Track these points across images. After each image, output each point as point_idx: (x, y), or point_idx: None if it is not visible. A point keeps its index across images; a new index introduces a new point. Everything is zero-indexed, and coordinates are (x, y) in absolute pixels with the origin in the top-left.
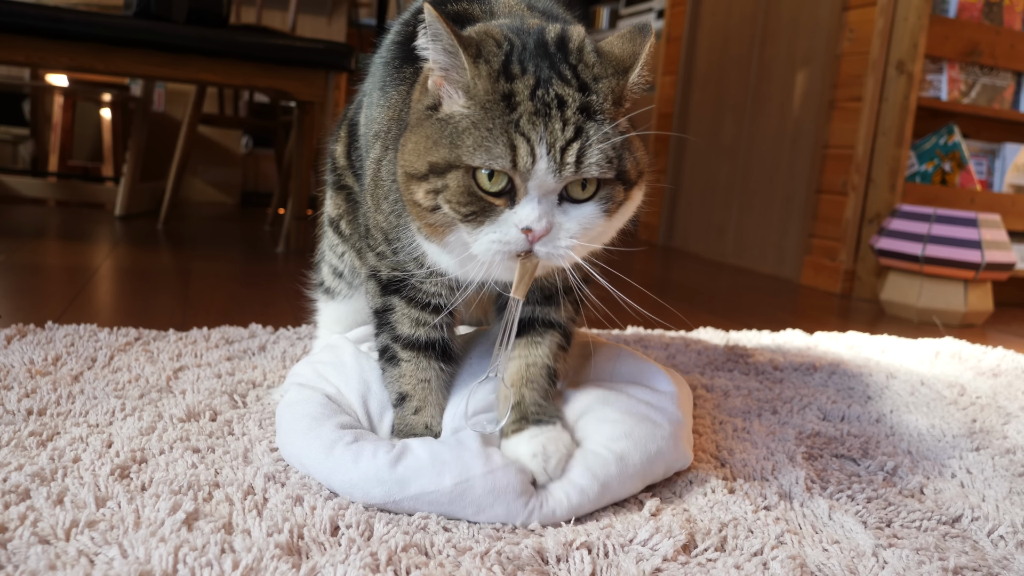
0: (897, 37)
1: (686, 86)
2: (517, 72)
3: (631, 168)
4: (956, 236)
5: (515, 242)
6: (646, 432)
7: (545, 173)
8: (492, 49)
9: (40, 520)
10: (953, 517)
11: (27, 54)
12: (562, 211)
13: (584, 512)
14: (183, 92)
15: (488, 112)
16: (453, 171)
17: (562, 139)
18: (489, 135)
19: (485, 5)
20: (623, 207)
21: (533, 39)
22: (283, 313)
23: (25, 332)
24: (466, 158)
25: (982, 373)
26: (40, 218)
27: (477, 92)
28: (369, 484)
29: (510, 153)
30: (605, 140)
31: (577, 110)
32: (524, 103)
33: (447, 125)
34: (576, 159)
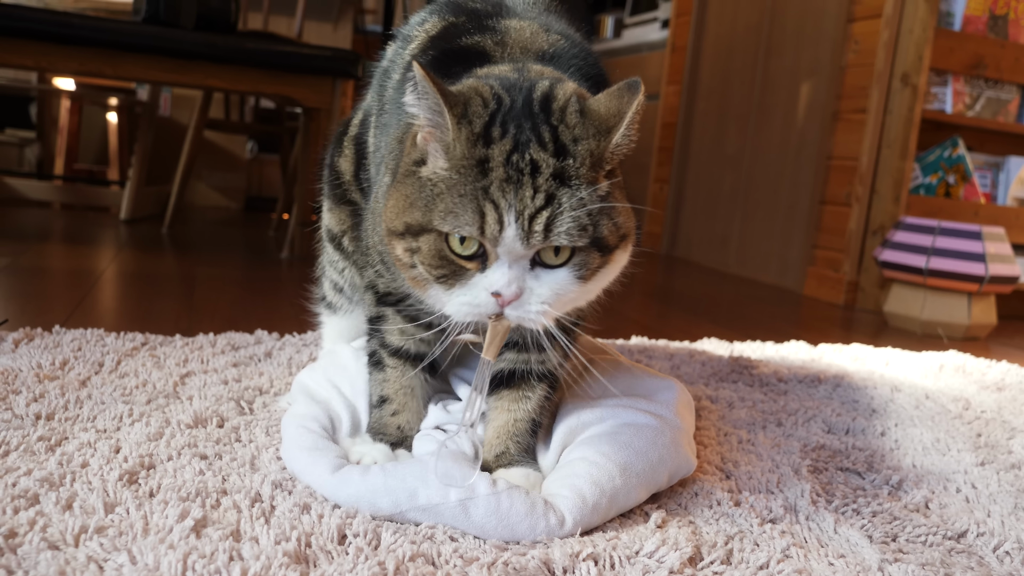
0: (902, 49)
1: (690, 96)
2: (496, 136)
3: (608, 234)
4: (960, 249)
5: (485, 305)
6: (647, 440)
7: (513, 240)
8: (477, 109)
9: (49, 525)
10: (959, 532)
11: (36, 59)
12: (534, 276)
13: (593, 523)
14: (189, 97)
15: (462, 177)
16: (426, 234)
17: (531, 207)
18: (460, 201)
19: (497, 36)
20: (601, 271)
21: (522, 97)
22: (288, 319)
23: (32, 336)
24: (437, 222)
25: (986, 387)
26: (45, 221)
27: (455, 155)
28: (377, 495)
29: (478, 220)
30: (579, 207)
31: (550, 176)
32: (497, 169)
33: (426, 186)
34: (545, 227)
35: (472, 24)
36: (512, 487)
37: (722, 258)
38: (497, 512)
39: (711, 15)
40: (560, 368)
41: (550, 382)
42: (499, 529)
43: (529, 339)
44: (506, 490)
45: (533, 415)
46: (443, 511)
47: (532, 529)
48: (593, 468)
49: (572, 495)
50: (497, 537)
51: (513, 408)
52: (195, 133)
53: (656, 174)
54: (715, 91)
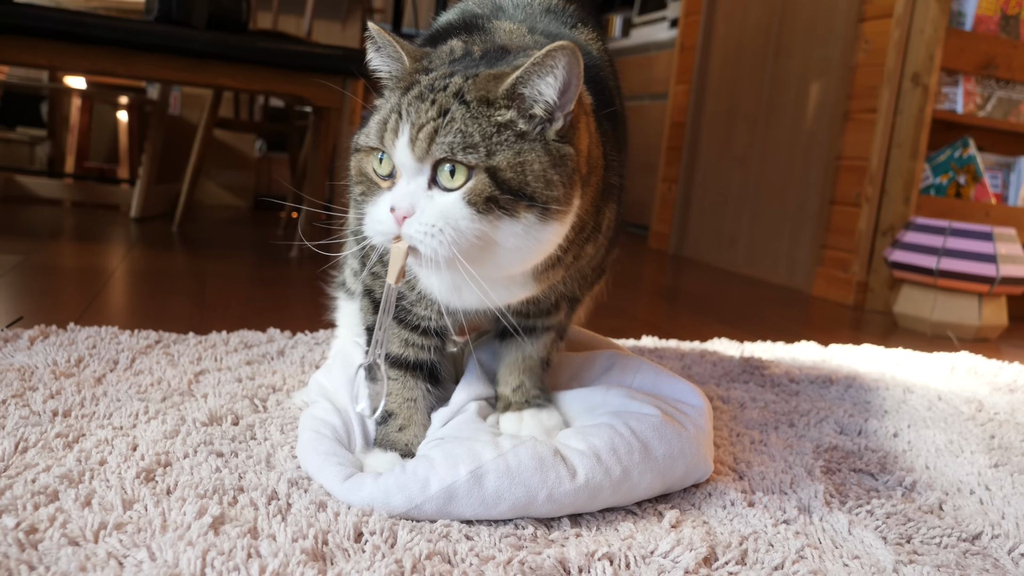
0: (913, 49)
1: (699, 95)
2: (439, 66)
3: (507, 167)
4: (971, 249)
5: (386, 222)
6: (672, 431)
7: (404, 149)
8: (442, 57)
9: (69, 521)
10: (973, 534)
11: (49, 57)
12: (429, 196)
13: (604, 495)
14: (199, 96)
15: (389, 99)
16: (356, 153)
17: (424, 118)
18: (377, 121)
19: (485, 35)
20: (504, 218)
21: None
22: (299, 317)
23: (48, 333)
24: (361, 140)
25: (998, 388)
26: (56, 219)
27: (399, 80)
28: (390, 493)
29: (382, 132)
30: (471, 127)
31: (453, 94)
32: (416, 88)
33: (373, 111)
34: (429, 138)
35: (466, 23)
36: (517, 443)
37: (731, 258)
38: (508, 473)
39: (720, 14)
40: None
41: (557, 331)
42: (514, 489)
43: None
44: (511, 449)
45: (541, 352)
46: (457, 489)
47: (544, 481)
48: (616, 436)
49: (588, 451)
50: (512, 500)
51: (523, 346)
52: (205, 132)
53: (664, 173)
54: (724, 91)
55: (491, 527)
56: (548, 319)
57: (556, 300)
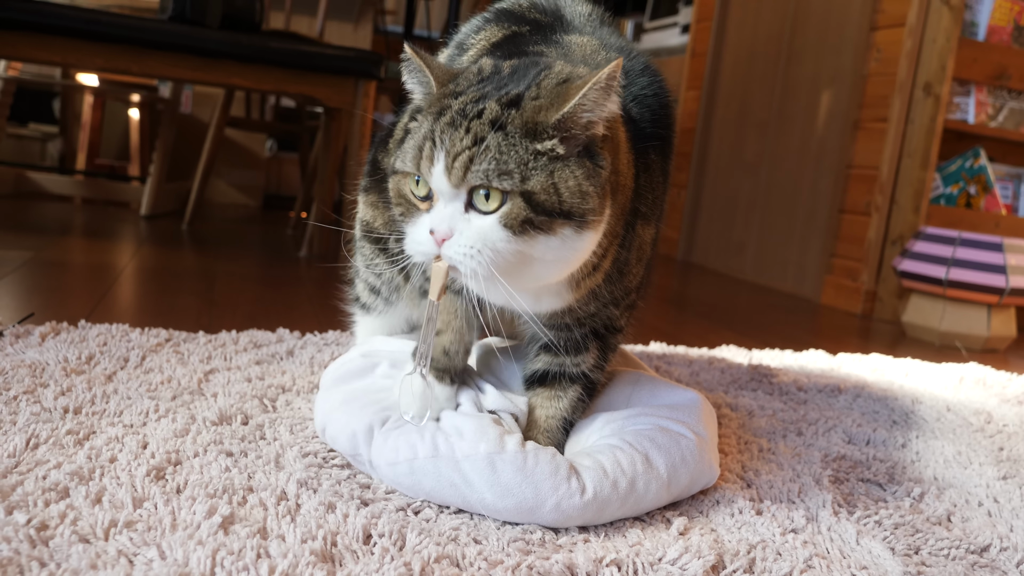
0: (925, 59)
1: (709, 102)
2: (466, 89)
3: (541, 190)
4: (981, 260)
5: (426, 243)
6: (669, 440)
7: (440, 176)
8: (469, 78)
9: (80, 519)
10: (981, 546)
11: (63, 55)
12: (466, 219)
13: (611, 508)
14: (210, 94)
15: (423, 124)
16: (394, 175)
17: (459, 146)
18: (412, 145)
19: (561, 49)
20: (539, 235)
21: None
22: (308, 317)
23: (59, 330)
24: (398, 163)
25: (1007, 400)
26: (67, 215)
27: (430, 104)
28: (421, 441)
29: (418, 158)
30: (506, 151)
31: (488, 122)
32: (448, 114)
33: (405, 134)
34: (465, 166)
35: (538, 36)
36: (539, 448)
37: (739, 265)
38: (523, 468)
39: (732, 21)
40: (595, 371)
41: (584, 384)
42: (524, 487)
43: (563, 343)
44: (533, 450)
45: (565, 414)
46: (472, 463)
47: (556, 489)
48: (617, 451)
49: (594, 466)
50: (520, 498)
51: (546, 405)
52: (216, 131)
53: (673, 179)
54: (735, 97)
55: (499, 531)
56: (578, 358)
57: (587, 332)
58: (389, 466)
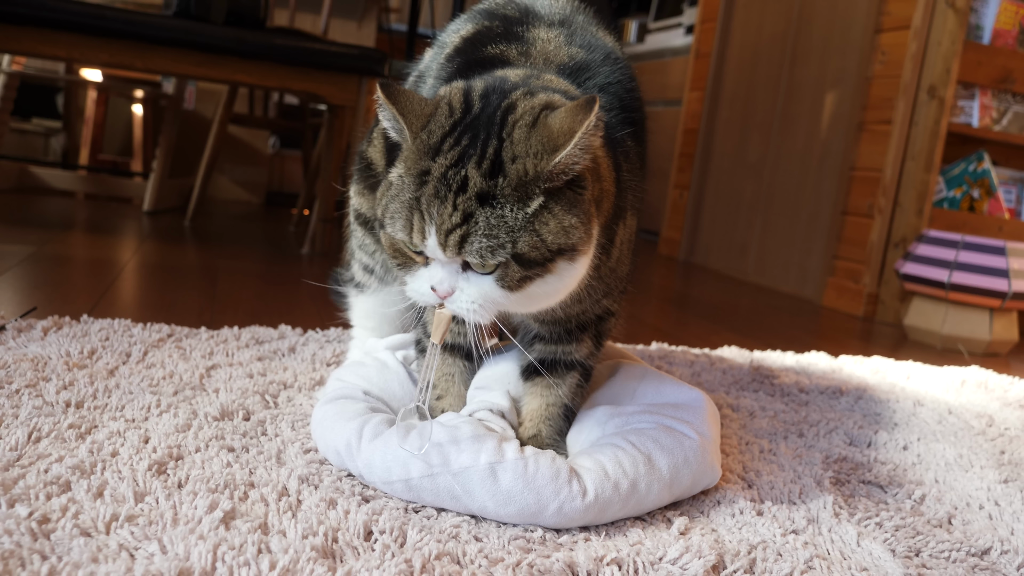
0: (930, 62)
1: (713, 102)
2: (447, 148)
3: (530, 250)
4: (983, 264)
5: (428, 295)
6: (672, 440)
7: (434, 250)
8: (441, 120)
9: (81, 512)
10: (982, 549)
11: (68, 50)
12: (465, 278)
13: (613, 509)
14: (214, 91)
15: (407, 185)
16: (383, 229)
17: (448, 223)
18: (400, 208)
19: (523, 46)
20: (536, 281)
21: (491, 107)
22: (310, 314)
23: (61, 324)
24: (386, 223)
25: (1009, 404)
26: (69, 210)
27: (408, 163)
28: (412, 458)
29: (408, 228)
30: (495, 228)
31: (474, 196)
32: (432, 183)
33: (388, 187)
34: (458, 244)
35: (502, 31)
36: (539, 453)
37: (741, 266)
38: (524, 475)
39: (736, 22)
40: (591, 357)
41: (582, 371)
42: (526, 493)
43: (556, 331)
44: (533, 455)
45: (565, 400)
46: (472, 475)
47: (557, 493)
48: (619, 451)
49: (595, 468)
50: (522, 504)
51: (545, 394)
52: (219, 127)
53: (676, 180)
54: (738, 98)
55: (500, 529)
56: (571, 347)
57: (580, 323)
58: (385, 484)
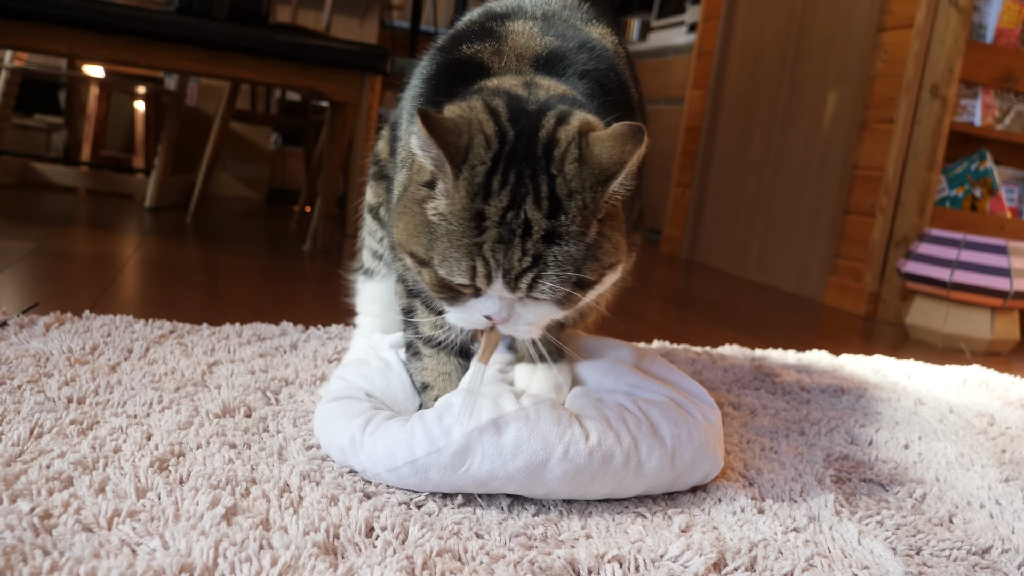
0: (932, 60)
1: (716, 101)
2: (496, 187)
3: (591, 274)
4: (985, 263)
5: (479, 322)
6: (677, 414)
7: (500, 290)
8: (480, 153)
9: (83, 508)
10: (983, 548)
11: (70, 45)
12: (522, 304)
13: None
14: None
15: (460, 228)
16: (428, 268)
17: (518, 267)
18: (456, 253)
19: (495, 43)
20: (588, 295)
21: (526, 134)
22: (311, 311)
23: (63, 320)
24: (436, 265)
25: (1010, 403)
26: (71, 206)
27: (455, 205)
28: (415, 436)
29: (471, 273)
30: (564, 264)
31: (540, 238)
32: (492, 228)
33: (430, 224)
34: (528, 286)
35: (478, 28)
36: (537, 400)
37: (742, 264)
38: (527, 423)
39: (739, 20)
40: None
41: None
42: (532, 441)
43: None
44: (532, 404)
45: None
46: (476, 435)
47: (561, 436)
48: (624, 410)
49: (599, 417)
50: (529, 454)
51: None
52: (221, 124)
53: (678, 178)
54: (741, 97)
55: (501, 526)
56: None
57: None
58: (390, 472)
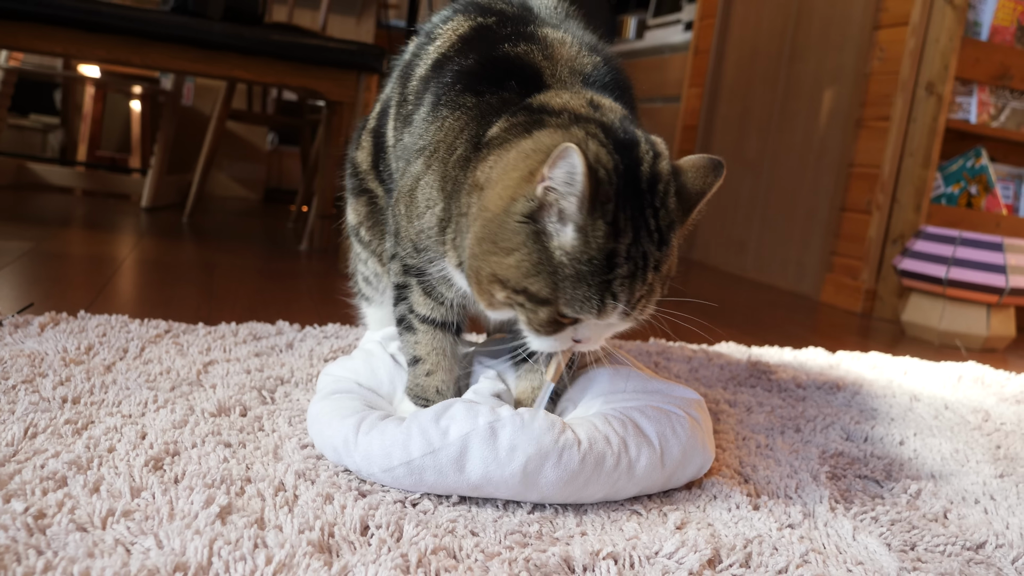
0: (928, 58)
1: (712, 99)
2: (623, 225)
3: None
4: (981, 260)
5: (564, 345)
6: (659, 414)
7: (614, 317)
8: (606, 191)
9: (77, 508)
10: (977, 543)
11: (64, 46)
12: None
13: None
14: (212, 87)
15: (592, 267)
16: (547, 306)
17: (636, 298)
18: (589, 292)
19: (542, 48)
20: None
21: (630, 169)
22: (307, 310)
23: (58, 320)
24: (563, 305)
25: (1005, 399)
26: (67, 207)
27: (590, 244)
28: (411, 437)
29: (599, 309)
30: (663, 286)
31: (653, 268)
32: (622, 265)
33: (551, 259)
34: (640, 311)
35: (509, 29)
36: (532, 409)
37: (739, 262)
38: (523, 426)
39: (735, 19)
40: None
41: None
42: (527, 444)
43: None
44: (527, 411)
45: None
46: (473, 437)
47: (555, 440)
48: (608, 417)
49: (584, 424)
50: (525, 457)
51: (531, 378)
52: (217, 123)
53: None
54: (737, 95)
55: (496, 523)
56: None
57: None
58: (385, 472)
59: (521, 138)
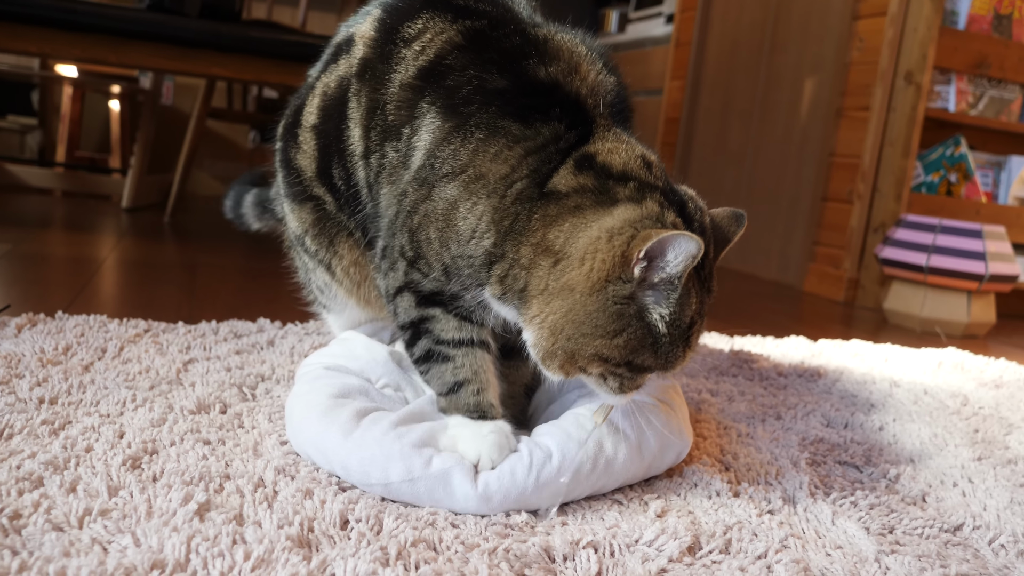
0: (906, 48)
1: (694, 91)
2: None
3: None
4: (961, 247)
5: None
6: (631, 405)
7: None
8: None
9: (54, 507)
10: (955, 525)
11: (39, 45)
12: None
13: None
14: (191, 85)
15: (682, 330)
16: (647, 372)
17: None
18: (678, 349)
19: (570, 71)
20: None
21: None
22: (289, 308)
23: (35, 321)
24: (660, 367)
25: (984, 384)
26: (46, 208)
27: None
28: (391, 460)
29: (681, 360)
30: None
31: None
32: (696, 321)
33: (653, 331)
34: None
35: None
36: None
37: None
38: (499, 476)
39: (716, 10)
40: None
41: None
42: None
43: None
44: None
45: (526, 380)
46: (454, 474)
47: (530, 469)
48: (579, 416)
49: (556, 432)
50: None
51: (512, 377)
52: (197, 122)
53: None
54: (719, 87)
55: (477, 515)
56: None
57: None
58: (364, 486)
59: (598, 212)
